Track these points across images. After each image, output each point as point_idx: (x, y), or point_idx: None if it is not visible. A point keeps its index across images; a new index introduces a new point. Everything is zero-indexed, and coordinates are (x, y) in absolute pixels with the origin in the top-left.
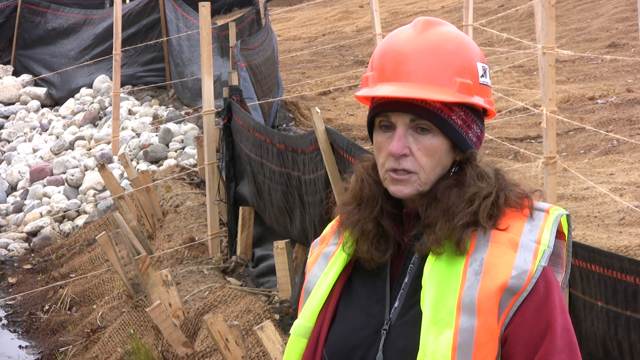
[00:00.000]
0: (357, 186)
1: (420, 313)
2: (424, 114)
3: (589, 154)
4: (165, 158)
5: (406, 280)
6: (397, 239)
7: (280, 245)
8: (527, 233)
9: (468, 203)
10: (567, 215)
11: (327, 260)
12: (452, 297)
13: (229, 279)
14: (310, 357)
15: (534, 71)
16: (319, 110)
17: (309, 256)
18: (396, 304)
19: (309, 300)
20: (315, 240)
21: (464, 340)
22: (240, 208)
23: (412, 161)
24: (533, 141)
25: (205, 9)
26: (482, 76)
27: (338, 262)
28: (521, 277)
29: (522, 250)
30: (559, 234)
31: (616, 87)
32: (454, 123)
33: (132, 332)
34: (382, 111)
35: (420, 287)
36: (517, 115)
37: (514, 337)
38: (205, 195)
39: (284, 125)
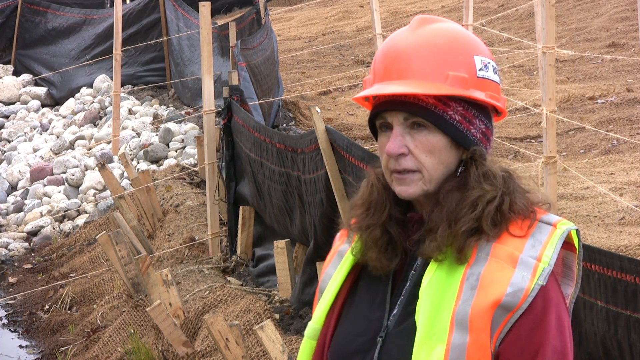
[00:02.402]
0: (367, 191)
1: (415, 324)
2: (417, 111)
3: (589, 154)
4: (166, 158)
5: (407, 286)
6: (404, 246)
7: (280, 244)
8: (529, 249)
9: (471, 208)
10: (577, 230)
11: (341, 259)
12: (446, 312)
13: (229, 278)
14: None
15: (534, 71)
16: (319, 110)
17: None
18: (395, 311)
19: (320, 301)
20: (337, 235)
21: (456, 357)
22: (241, 208)
23: (412, 160)
24: (533, 141)
25: (205, 8)
26: (480, 70)
27: (347, 262)
28: (516, 294)
29: (521, 266)
30: (570, 246)
31: (616, 86)
32: (451, 118)
33: (132, 331)
34: (379, 112)
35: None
36: (517, 114)
37: (505, 355)
38: (205, 195)
39: (284, 125)
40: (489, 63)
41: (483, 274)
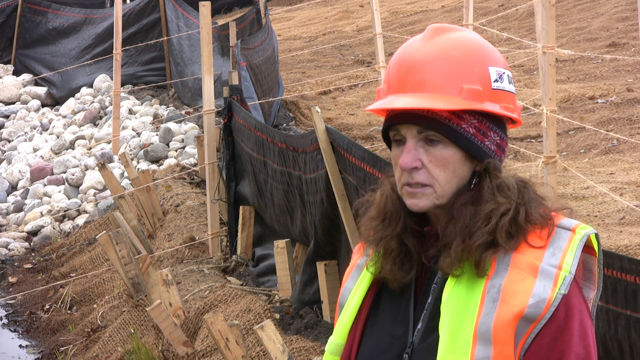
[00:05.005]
0: (382, 202)
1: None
2: (431, 125)
3: (589, 154)
4: (166, 157)
5: (429, 300)
6: (421, 258)
7: (280, 244)
8: (549, 257)
9: (485, 221)
10: (596, 234)
11: (360, 273)
12: (469, 326)
13: (229, 278)
14: None
15: (534, 70)
16: (319, 110)
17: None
18: (419, 326)
19: (341, 316)
20: (355, 247)
21: None
22: (241, 207)
23: (425, 174)
24: (533, 140)
25: (205, 8)
26: (495, 81)
27: (367, 276)
28: (539, 305)
29: (542, 276)
30: (590, 249)
31: (616, 86)
32: (465, 132)
33: (132, 331)
34: (392, 124)
35: None
36: None
37: None
38: (205, 195)
39: (285, 124)
40: (504, 73)
41: (504, 286)
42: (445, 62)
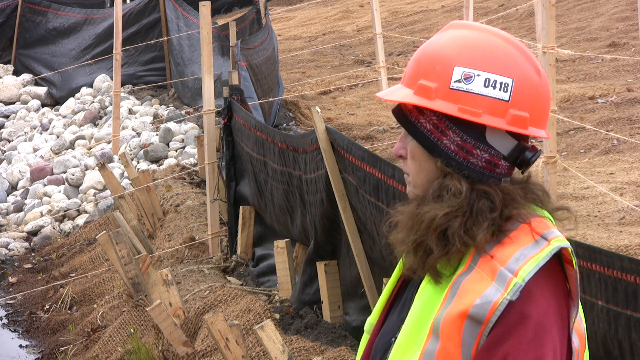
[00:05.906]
0: None
1: None
2: (398, 116)
3: (589, 154)
4: (166, 157)
5: None
6: None
7: (280, 244)
8: (513, 262)
9: (418, 225)
10: (571, 249)
11: None
12: (430, 318)
13: (229, 278)
14: (367, 354)
15: None
16: (319, 110)
17: None
18: None
19: (379, 298)
20: None
21: None
22: (241, 207)
23: (406, 164)
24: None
25: (205, 8)
26: (457, 81)
27: (401, 261)
28: (484, 307)
29: (498, 279)
30: (571, 265)
31: (616, 86)
32: (422, 127)
33: (132, 331)
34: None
35: None
36: None
37: None
38: (205, 195)
39: (285, 124)
40: (477, 75)
41: (463, 283)
42: (420, 57)
